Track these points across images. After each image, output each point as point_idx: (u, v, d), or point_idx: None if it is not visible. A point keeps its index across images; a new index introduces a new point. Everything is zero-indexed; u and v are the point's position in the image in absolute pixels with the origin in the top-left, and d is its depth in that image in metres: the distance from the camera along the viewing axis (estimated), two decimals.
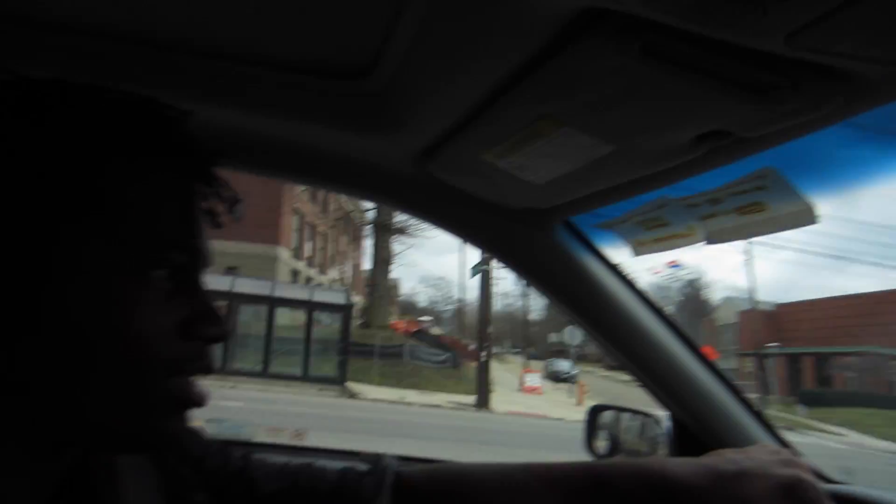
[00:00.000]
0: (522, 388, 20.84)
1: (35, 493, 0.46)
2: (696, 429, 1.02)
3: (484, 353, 15.92)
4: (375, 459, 0.74)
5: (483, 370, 15.68)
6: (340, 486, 0.70)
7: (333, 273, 33.73)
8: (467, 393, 16.44)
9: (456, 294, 52.79)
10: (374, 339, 19.23)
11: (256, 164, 0.93)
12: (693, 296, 48.41)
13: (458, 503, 0.71)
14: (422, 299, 62.62)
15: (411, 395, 15.64)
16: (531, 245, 1.00)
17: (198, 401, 0.49)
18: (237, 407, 9.37)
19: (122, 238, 0.44)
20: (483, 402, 15.33)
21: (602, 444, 1.16)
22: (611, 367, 30.49)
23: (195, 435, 0.69)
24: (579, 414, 3.78)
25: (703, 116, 0.59)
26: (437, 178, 0.89)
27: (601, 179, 0.79)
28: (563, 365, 28.24)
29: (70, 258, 0.43)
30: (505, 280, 50.65)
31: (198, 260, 0.50)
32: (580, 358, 33.47)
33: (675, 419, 1.06)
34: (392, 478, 0.71)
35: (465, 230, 1.02)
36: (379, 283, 23.94)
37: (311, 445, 1.35)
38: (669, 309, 37.77)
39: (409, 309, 52.93)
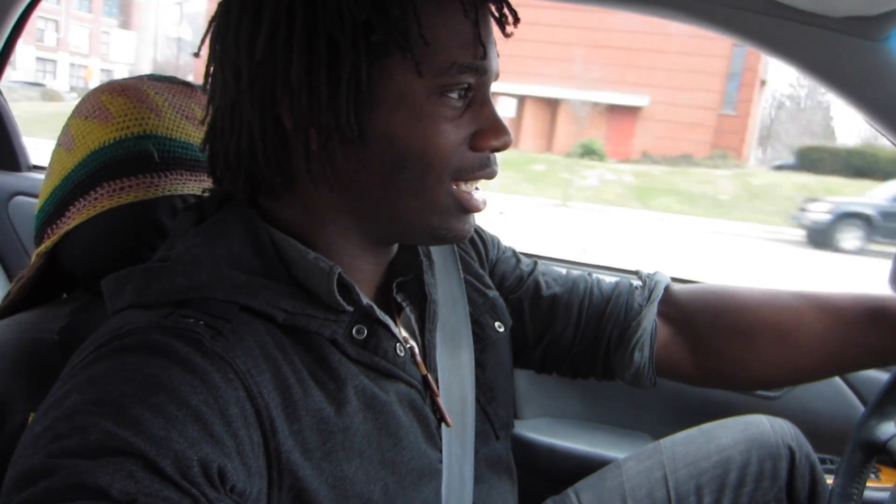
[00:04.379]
0: None
1: (377, 269, 0.63)
2: None
3: None
4: (649, 275, 0.81)
5: None
6: (613, 294, 0.79)
7: None
8: None
9: None
10: None
11: None
12: None
13: (723, 315, 0.75)
14: None
15: None
16: (860, 60, 0.81)
17: (479, 205, 0.59)
18: None
19: (424, 69, 0.52)
20: None
21: None
22: None
23: (492, 241, 0.83)
24: None
25: None
26: None
27: None
28: None
29: (386, 88, 0.53)
30: None
31: (486, 79, 0.57)
32: None
33: None
34: (661, 293, 0.77)
35: (779, 47, 0.85)
36: None
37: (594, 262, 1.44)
38: None
39: None
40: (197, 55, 0.57)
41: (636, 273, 0.83)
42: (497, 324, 0.75)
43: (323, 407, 0.52)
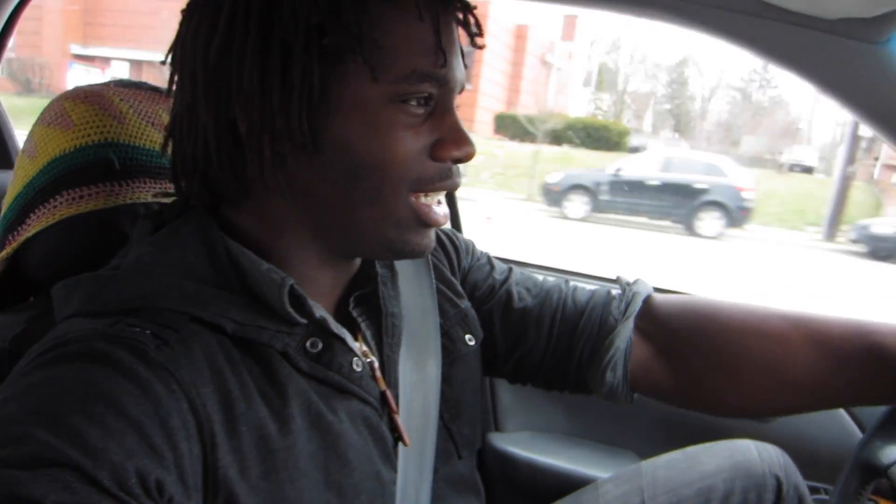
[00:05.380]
0: None
1: (336, 282, 0.61)
2: None
3: None
4: (628, 283, 0.76)
5: None
6: (587, 307, 0.74)
7: None
8: None
9: None
10: None
11: None
12: None
13: (706, 339, 0.70)
14: None
15: None
16: (858, 63, 0.76)
17: (438, 220, 0.57)
18: None
19: (380, 76, 0.51)
20: None
21: None
22: None
23: (466, 247, 0.80)
24: None
25: None
26: None
27: None
28: None
29: (340, 94, 0.51)
30: None
31: (448, 88, 0.55)
32: None
33: None
34: (640, 305, 0.73)
35: (772, 50, 0.80)
36: None
37: (572, 269, 1.39)
38: None
39: None
40: (164, 62, 0.55)
41: (616, 280, 0.79)
42: (468, 336, 0.72)
43: (266, 423, 0.50)
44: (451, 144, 0.55)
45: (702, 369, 0.71)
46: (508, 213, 9.44)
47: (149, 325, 0.48)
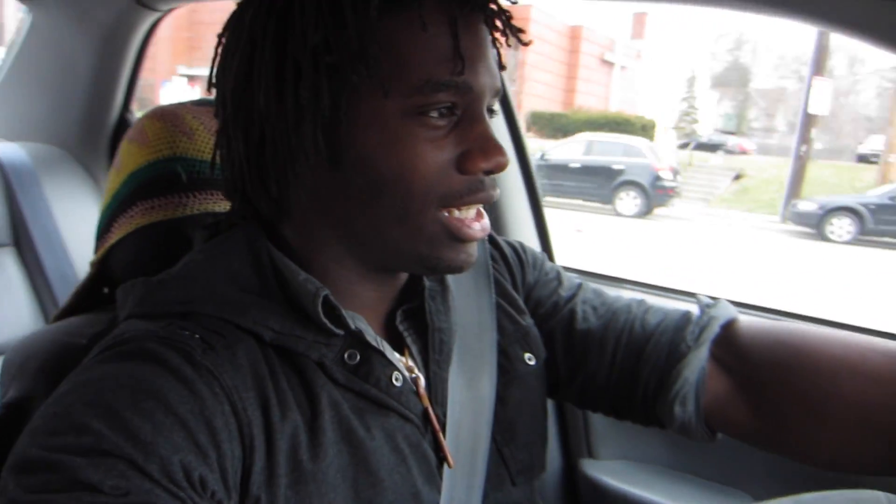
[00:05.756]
0: None
1: (380, 295, 0.59)
2: None
3: None
4: (707, 305, 0.68)
5: None
6: (656, 331, 0.67)
7: None
8: None
9: None
10: None
11: None
12: None
13: (793, 375, 0.61)
14: None
15: None
16: None
17: (473, 234, 0.53)
18: None
19: (391, 90, 0.49)
20: None
21: None
22: None
23: (533, 260, 0.75)
24: None
25: None
26: None
27: None
28: None
29: (355, 111, 0.50)
30: None
31: (473, 96, 0.51)
32: None
33: None
34: (717, 330, 0.65)
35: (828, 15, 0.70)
36: None
37: (648, 281, 1.22)
38: None
39: None
40: (209, 85, 0.57)
41: (695, 298, 0.70)
42: (527, 355, 0.67)
43: (298, 433, 0.49)
44: (478, 155, 0.52)
45: (787, 410, 0.61)
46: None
47: (198, 329, 0.50)
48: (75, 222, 1.46)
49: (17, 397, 0.67)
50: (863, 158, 16.02)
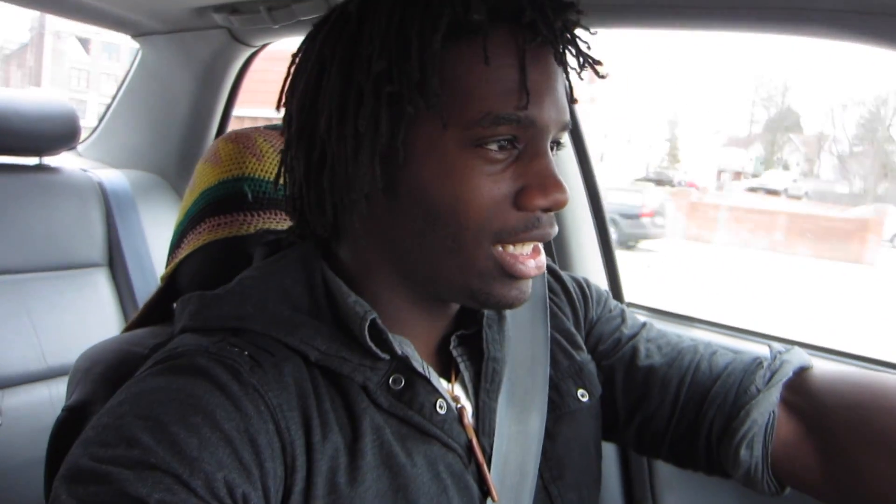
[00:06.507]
0: None
1: (432, 323, 0.58)
2: None
3: None
4: (780, 351, 0.65)
5: None
6: (724, 372, 0.64)
7: None
8: None
9: None
10: None
11: None
12: None
13: (868, 420, 0.57)
14: None
15: None
16: None
17: (527, 272, 0.52)
18: None
19: (449, 121, 0.48)
20: None
21: None
22: None
23: (598, 297, 0.73)
24: None
25: None
26: None
27: None
28: None
29: (414, 140, 0.49)
30: None
31: (535, 130, 0.50)
32: None
33: None
34: (789, 374, 0.62)
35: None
36: None
37: (726, 322, 1.14)
38: None
39: None
40: (277, 108, 0.58)
41: (767, 344, 0.66)
42: (580, 392, 0.65)
43: (338, 456, 0.49)
44: (536, 192, 0.50)
45: (861, 457, 0.56)
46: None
47: (248, 346, 0.50)
48: (165, 245, 1.55)
49: (79, 401, 0.70)
50: None
